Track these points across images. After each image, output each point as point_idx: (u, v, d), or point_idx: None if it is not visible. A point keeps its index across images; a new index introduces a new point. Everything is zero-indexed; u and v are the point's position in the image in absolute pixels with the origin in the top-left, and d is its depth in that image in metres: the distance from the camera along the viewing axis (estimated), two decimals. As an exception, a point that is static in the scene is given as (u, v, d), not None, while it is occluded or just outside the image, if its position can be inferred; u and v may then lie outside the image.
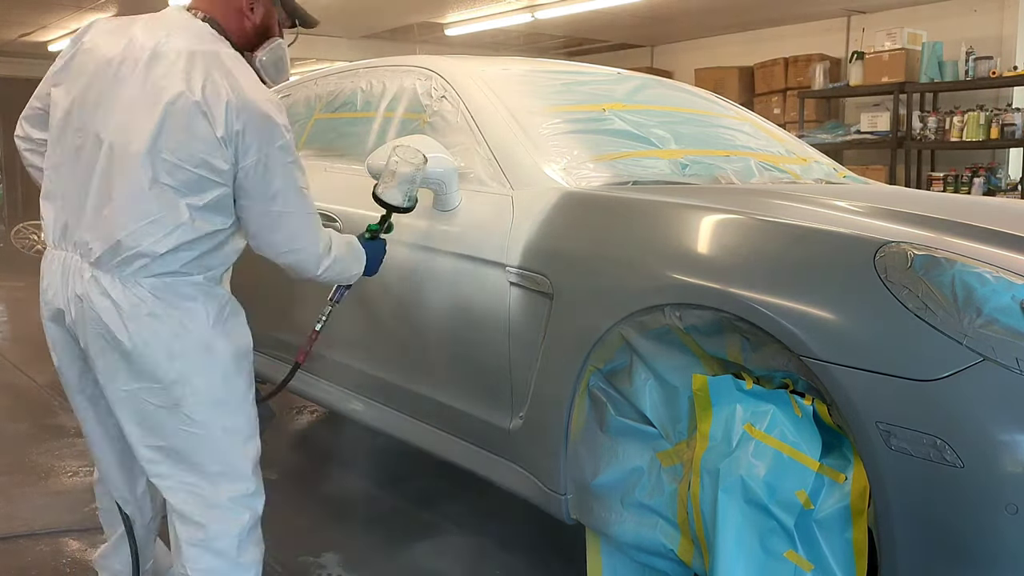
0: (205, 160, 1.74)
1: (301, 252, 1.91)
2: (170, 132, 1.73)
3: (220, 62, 1.77)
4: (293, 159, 1.84)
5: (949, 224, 1.84)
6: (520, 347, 2.21)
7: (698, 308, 1.81)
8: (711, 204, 2.03)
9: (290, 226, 1.86)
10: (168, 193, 1.75)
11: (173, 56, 1.77)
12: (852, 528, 1.65)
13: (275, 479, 3.22)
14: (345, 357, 2.86)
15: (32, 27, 9.94)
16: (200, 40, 1.81)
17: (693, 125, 2.94)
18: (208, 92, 1.73)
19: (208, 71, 1.75)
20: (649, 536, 1.96)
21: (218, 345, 1.85)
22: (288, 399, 4.10)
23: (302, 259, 1.93)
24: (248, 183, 1.79)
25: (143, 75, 1.76)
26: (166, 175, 1.74)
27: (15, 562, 2.56)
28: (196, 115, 1.72)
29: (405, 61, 3.08)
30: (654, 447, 1.98)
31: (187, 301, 1.81)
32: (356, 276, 2.16)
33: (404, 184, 2.24)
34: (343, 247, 2.06)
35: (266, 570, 2.51)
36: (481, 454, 2.38)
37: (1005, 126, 6.87)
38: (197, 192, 1.77)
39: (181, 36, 1.80)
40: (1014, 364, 1.45)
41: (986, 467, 1.43)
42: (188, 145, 1.73)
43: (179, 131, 1.72)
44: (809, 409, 1.70)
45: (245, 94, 1.75)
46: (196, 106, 1.72)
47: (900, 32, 7.48)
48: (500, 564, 2.56)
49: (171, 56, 1.77)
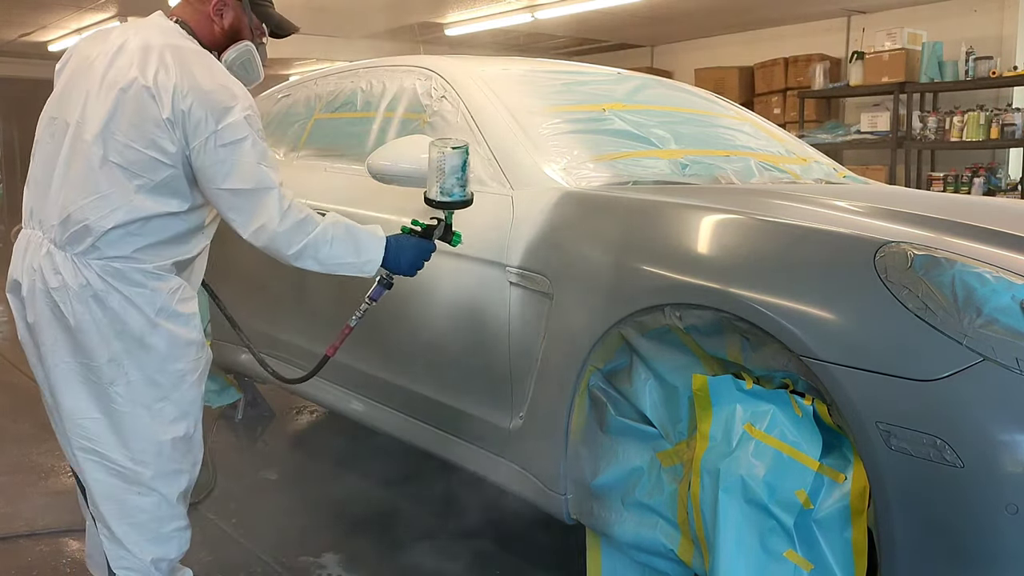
0: (154, 141, 1.84)
1: (264, 231, 1.91)
2: (122, 115, 1.84)
3: (178, 52, 1.88)
4: (245, 135, 1.86)
5: (949, 224, 1.84)
6: (520, 347, 2.21)
7: (698, 308, 1.81)
8: (711, 204, 2.03)
9: (247, 204, 1.89)
10: (117, 172, 1.84)
11: (135, 48, 1.89)
12: (852, 528, 1.65)
13: (275, 479, 3.23)
14: (345, 357, 2.86)
15: (32, 27, 9.93)
16: (165, 36, 1.92)
17: (693, 125, 2.94)
18: (159, 78, 1.84)
19: (163, 59, 1.86)
20: (649, 536, 1.96)
21: (157, 333, 1.91)
22: (288, 399, 4.10)
23: (270, 238, 1.92)
24: (200, 163, 1.86)
25: (107, 66, 1.89)
26: (116, 155, 1.84)
27: (15, 562, 2.56)
28: (146, 99, 1.83)
29: (405, 61, 3.08)
30: (654, 447, 1.98)
31: (133, 287, 1.88)
32: (367, 266, 2.06)
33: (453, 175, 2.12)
34: (339, 230, 2.01)
35: (266, 570, 2.52)
36: (481, 454, 2.38)
37: (1005, 126, 6.86)
38: (147, 172, 1.85)
39: (149, 33, 1.93)
40: (1014, 364, 1.45)
41: (986, 467, 1.43)
42: (139, 127, 1.83)
43: (131, 114, 1.84)
44: (809, 409, 1.70)
45: (195, 78, 1.84)
46: (146, 90, 1.83)
47: (900, 32, 7.48)
48: (500, 564, 2.56)
49: (134, 49, 1.89)
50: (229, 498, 3.04)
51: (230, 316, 2.54)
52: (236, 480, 3.19)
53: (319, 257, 1.99)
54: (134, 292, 1.88)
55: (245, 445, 3.65)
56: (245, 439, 3.71)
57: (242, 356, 3.42)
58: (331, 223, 2.01)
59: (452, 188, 2.14)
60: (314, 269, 2.01)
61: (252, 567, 2.53)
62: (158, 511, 1.97)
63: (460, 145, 2.13)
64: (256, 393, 3.97)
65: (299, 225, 1.94)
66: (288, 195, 1.94)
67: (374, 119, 3.01)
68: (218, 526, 2.81)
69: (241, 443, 3.66)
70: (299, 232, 1.94)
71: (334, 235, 2.00)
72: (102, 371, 1.89)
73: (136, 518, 1.96)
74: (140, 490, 1.95)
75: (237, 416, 3.88)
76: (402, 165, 2.40)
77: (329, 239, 1.99)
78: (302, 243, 1.95)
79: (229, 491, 3.10)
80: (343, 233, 2.02)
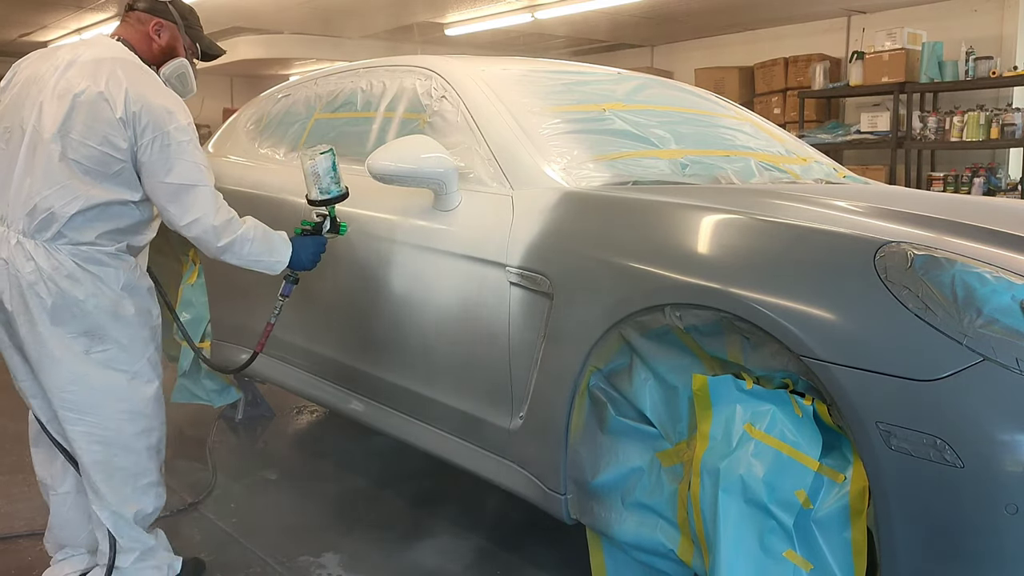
0: (107, 138, 2.09)
1: (199, 223, 2.17)
2: (77, 117, 2.09)
3: (126, 66, 2.16)
4: (188, 139, 2.15)
5: (949, 224, 1.84)
6: (520, 347, 2.21)
7: (698, 308, 1.81)
8: (711, 204, 2.03)
9: (186, 198, 2.15)
10: (74, 166, 2.10)
11: (85, 62, 2.16)
12: (851, 528, 1.65)
13: (275, 479, 3.22)
14: (345, 357, 2.87)
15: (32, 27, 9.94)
16: (112, 52, 2.20)
17: (693, 125, 2.94)
18: (111, 84, 2.10)
19: (113, 71, 2.13)
20: (649, 536, 1.96)
21: (125, 304, 2.19)
22: (288, 399, 4.10)
23: (203, 229, 2.19)
24: (146, 159, 2.12)
25: (58, 78, 2.15)
26: (72, 151, 2.09)
27: (15, 562, 2.56)
28: (100, 102, 2.09)
29: (405, 61, 3.08)
30: (654, 447, 1.98)
31: (101, 267, 2.15)
32: (276, 264, 2.37)
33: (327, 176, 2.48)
34: (257, 231, 2.31)
35: (266, 570, 2.52)
36: (481, 454, 2.38)
37: (1005, 126, 6.86)
38: (101, 166, 2.11)
39: (96, 49, 2.20)
40: (1014, 364, 1.45)
41: (986, 467, 1.43)
42: (92, 127, 2.09)
43: (85, 116, 2.09)
44: (809, 409, 1.70)
45: (143, 87, 2.14)
46: (100, 95, 2.09)
47: (900, 32, 7.48)
48: (500, 564, 2.56)
49: (83, 62, 2.16)
50: (229, 498, 3.04)
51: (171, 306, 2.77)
52: (236, 480, 3.19)
53: (241, 253, 2.27)
54: (101, 271, 2.15)
55: (245, 445, 3.65)
56: (245, 439, 3.71)
57: (242, 356, 3.43)
58: (252, 225, 2.30)
59: (329, 186, 2.49)
60: (232, 263, 2.30)
61: (252, 567, 2.53)
62: (135, 467, 2.24)
63: (326, 149, 2.48)
64: (256, 393, 3.97)
65: (229, 223, 2.22)
66: (219, 196, 2.22)
67: (374, 119, 3.01)
68: (218, 526, 2.81)
69: (241, 443, 3.66)
70: (228, 229, 2.22)
71: (254, 235, 2.29)
72: (80, 342, 2.13)
73: (116, 477, 2.21)
74: (118, 451, 2.20)
75: (237, 416, 3.88)
76: (402, 165, 2.40)
77: (251, 238, 2.28)
78: (230, 238, 2.23)
79: (229, 491, 3.10)
80: (261, 235, 2.32)
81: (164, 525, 2.80)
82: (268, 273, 2.40)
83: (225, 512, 2.91)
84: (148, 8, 2.30)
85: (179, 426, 3.83)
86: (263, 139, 3.60)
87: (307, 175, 2.49)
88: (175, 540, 2.61)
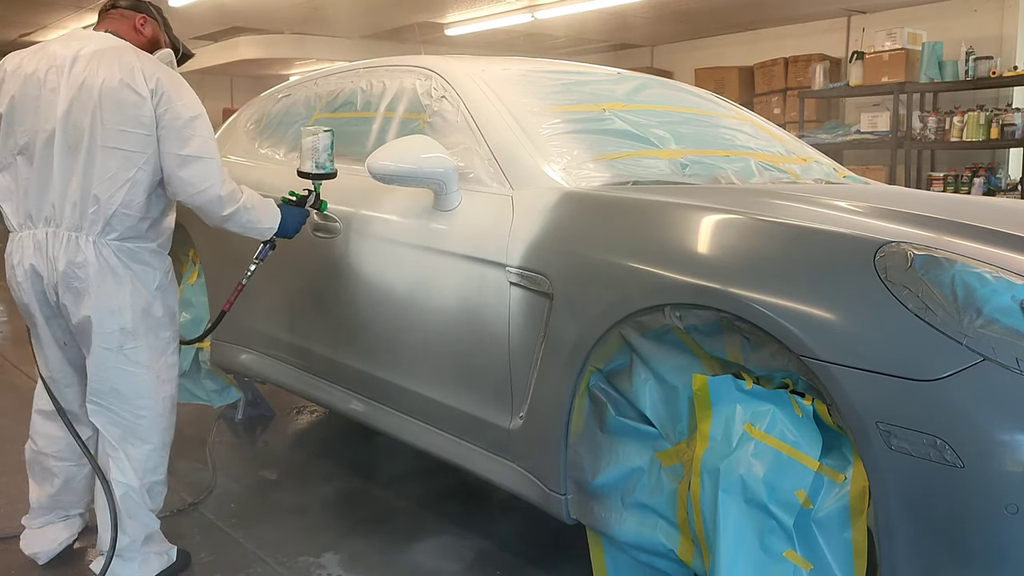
0: (137, 119, 2.23)
1: (208, 192, 2.30)
2: (107, 106, 2.22)
3: (130, 50, 2.31)
4: (198, 114, 2.30)
5: (949, 224, 1.84)
6: (520, 347, 2.21)
7: (698, 308, 1.81)
8: (711, 204, 2.03)
9: (198, 168, 2.28)
10: (115, 154, 2.23)
11: (91, 54, 2.27)
12: (851, 528, 1.65)
13: (275, 479, 3.22)
14: (345, 357, 2.86)
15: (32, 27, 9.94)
16: (110, 42, 2.33)
17: (693, 125, 2.94)
18: (126, 69, 2.24)
19: (122, 57, 2.27)
20: (649, 536, 1.96)
21: (156, 305, 2.35)
22: (288, 399, 4.10)
23: (210, 199, 2.31)
24: (165, 130, 2.25)
25: (70, 75, 2.25)
26: (110, 140, 2.22)
27: (15, 562, 2.56)
28: (122, 88, 2.23)
29: (405, 61, 3.08)
30: (654, 447, 1.98)
31: (140, 265, 2.31)
32: (268, 231, 2.52)
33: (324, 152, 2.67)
34: (255, 200, 2.45)
35: (266, 570, 2.52)
36: (481, 454, 2.38)
37: (1005, 126, 6.86)
38: (137, 147, 2.24)
39: (94, 43, 2.31)
40: (1014, 364, 1.45)
41: (986, 467, 1.43)
42: (123, 112, 2.22)
43: (113, 103, 2.22)
44: (809, 409, 1.70)
45: (153, 67, 2.29)
46: (121, 81, 2.23)
47: (900, 32, 7.48)
48: (500, 564, 2.57)
49: (90, 54, 2.27)
50: (229, 498, 3.04)
51: None
52: (236, 480, 3.20)
53: (242, 221, 2.41)
54: (140, 270, 2.31)
55: (245, 445, 3.65)
56: (245, 439, 3.71)
57: (242, 356, 3.43)
58: (250, 194, 2.44)
59: (325, 163, 2.67)
60: (232, 229, 2.43)
61: (252, 567, 2.53)
62: (148, 461, 2.37)
63: (328, 129, 2.68)
64: (256, 393, 3.98)
65: (232, 193, 2.36)
66: (224, 169, 2.35)
67: (374, 119, 3.01)
68: (218, 526, 2.81)
69: (241, 443, 3.66)
70: (232, 199, 2.36)
71: (253, 204, 2.44)
72: (116, 337, 2.27)
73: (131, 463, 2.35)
74: (135, 441, 2.35)
75: (237, 416, 3.88)
76: (402, 165, 2.40)
77: (250, 207, 2.42)
78: (234, 208, 2.37)
79: (229, 491, 3.10)
80: (258, 203, 2.47)
81: (164, 525, 2.80)
82: (259, 238, 2.57)
83: (225, 512, 2.91)
84: (131, 5, 2.47)
85: (179, 426, 3.78)
86: (263, 139, 3.60)
87: (306, 148, 2.65)
88: (175, 540, 2.61)
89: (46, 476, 2.53)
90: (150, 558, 2.41)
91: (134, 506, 2.35)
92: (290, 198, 2.70)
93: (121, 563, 2.36)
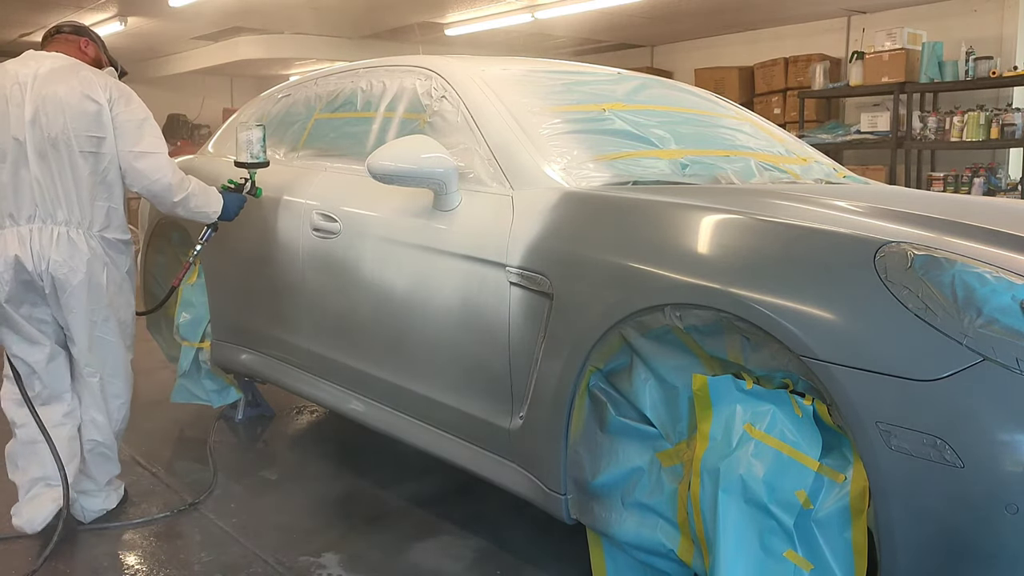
0: (98, 122, 2.60)
1: (160, 181, 2.69)
2: (71, 116, 2.57)
3: (82, 67, 2.68)
4: (148, 116, 2.70)
5: (949, 224, 1.84)
6: (520, 347, 2.21)
7: (698, 308, 1.81)
8: (711, 204, 2.03)
9: (151, 161, 2.67)
10: (89, 157, 2.60)
11: (49, 73, 2.61)
12: (852, 528, 1.65)
13: (275, 479, 3.22)
14: (345, 357, 2.87)
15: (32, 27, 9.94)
16: (64, 60, 2.68)
17: (693, 125, 2.94)
18: (84, 83, 2.61)
19: (77, 71, 2.65)
20: (649, 536, 1.96)
21: (126, 285, 2.79)
22: (288, 399, 4.10)
23: (163, 187, 2.71)
24: (120, 131, 2.64)
25: (32, 90, 2.58)
26: (82, 144, 2.58)
27: (15, 562, 2.57)
28: (84, 99, 2.59)
29: (405, 61, 3.08)
30: (654, 447, 1.98)
31: (118, 253, 2.73)
32: (214, 214, 2.91)
33: (258, 144, 3.05)
34: (201, 188, 2.85)
35: (266, 570, 2.52)
36: (481, 454, 2.38)
37: (1005, 126, 6.86)
38: (103, 148, 2.62)
39: (50, 62, 2.65)
40: (1014, 364, 1.45)
41: (986, 467, 1.43)
42: (85, 119, 2.58)
43: (77, 113, 2.58)
44: (809, 409, 1.70)
45: (105, 78, 2.68)
46: (81, 94, 2.59)
47: (900, 32, 7.48)
48: (500, 564, 2.56)
49: (48, 74, 2.61)
50: (229, 498, 3.04)
51: None
52: (236, 480, 3.19)
53: (190, 205, 2.81)
54: (115, 257, 2.72)
55: (245, 445, 3.64)
56: (245, 439, 3.71)
57: (242, 356, 3.43)
58: (196, 183, 2.83)
59: (258, 154, 3.06)
60: (182, 215, 2.85)
61: (252, 567, 2.53)
62: (119, 412, 2.83)
63: (260, 124, 3.09)
64: (256, 393, 3.97)
65: (182, 181, 2.76)
66: (173, 161, 2.74)
67: (374, 119, 3.01)
68: (218, 526, 2.81)
69: (241, 443, 3.66)
70: (181, 187, 2.75)
71: (199, 191, 2.83)
72: (102, 311, 2.68)
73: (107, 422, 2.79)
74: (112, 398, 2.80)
75: (237, 416, 3.88)
76: (402, 165, 2.40)
77: (197, 193, 2.82)
78: (183, 194, 2.76)
79: (229, 491, 3.10)
80: (203, 190, 2.86)
81: (164, 525, 2.80)
82: (204, 222, 2.98)
83: (225, 512, 2.91)
84: (73, 30, 2.82)
85: (179, 426, 3.83)
86: (263, 139, 3.59)
87: (241, 142, 3.04)
88: (175, 540, 2.61)
89: (32, 458, 2.73)
90: (111, 494, 2.87)
91: (103, 459, 2.80)
92: (229, 185, 3.05)
93: (88, 499, 2.80)
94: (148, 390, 4.33)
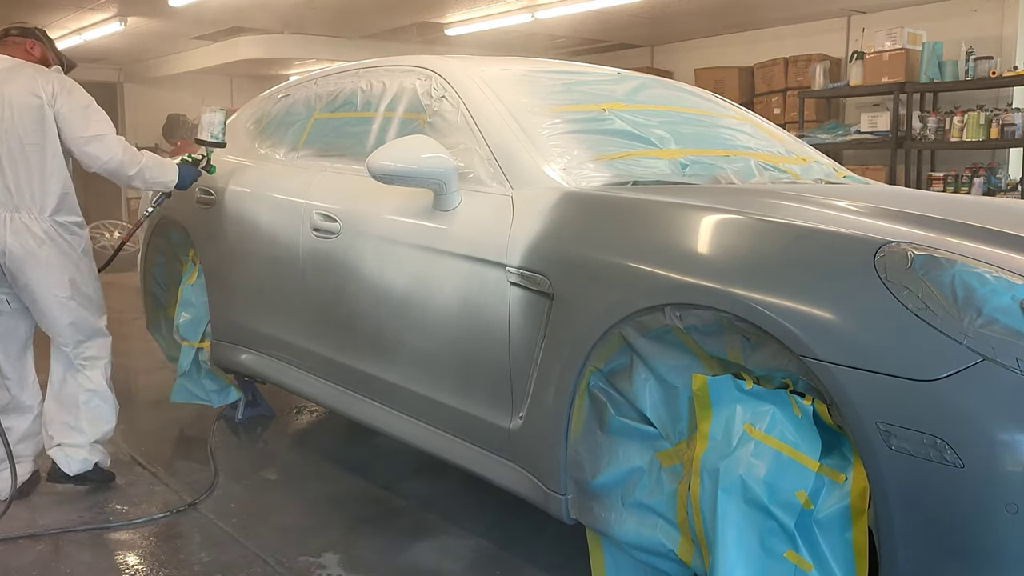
0: (44, 117, 2.83)
1: (113, 160, 2.93)
2: (19, 112, 2.81)
3: (27, 66, 2.91)
4: (90, 103, 2.92)
5: (949, 224, 1.84)
6: (520, 347, 2.21)
7: (698, 308, 1.81)
8: (711, 204, 2.03)
9: (102, 143, 2.91)
10: (36, 148, 2.84)
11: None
12: (852, 528, 1.65)
13: (275, 479, 3.22)
14: (345, 357, 2.86)
15: (32, 27, 9.93)
16: (10, 62, 2.91)
17: (693, 125, 2.94)
18: (28, 81, 2.84)
19: (22, 70, 2.88)
20: (649, 536, 1.96)
21: (83, 264, 3.00)
22: (288, 399, 4.10)
23: (117, 165, 2.95)
24: (68, 120, 2.86)
25: None
26: (30, 137, 2.83)
27: (15, 562, 2.56)
28: (28, 96, 2.83)
29: (405, 61, 3.08)
30: (654, 447, 1.98)
31: (73, 236, 2.95)
32: (171, 183, 3.17)
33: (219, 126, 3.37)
34: (155, 160, 3.10)
35: (266, 570, 2.52)
36: (481, 454, 2.38)
37: (1005, 126, 6.85)
38: (50, 140, 2.85)
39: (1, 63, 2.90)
40: (1014, 364, 1.45)
41: (986, 467, 1.43)
42: (31, 114, 2.83)
43: (24, 110, 2.82)
44: (809, 409, 1.70)
45: (49, 74, 2.91)
46: (26, 91, 2.82)
47: (900, 32, 7.47)
48: (500, 564, 2.56)
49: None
50: (229, 498, 3.04)
51: None
52: (236, 480, 3.19)
53: (146, 177, 3.06)
54: (71, 239, 2.94)
55: (245, 445, 3.64)
56: (245, 439, 3.71)
57: (242, 356, 3.43)
58: (149, 156, 3.08)
59: (218, 135, 3.38)
60: (139, 186, 3.12)
61: (252, 567, 2.53)
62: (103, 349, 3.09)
63: (222, 109, 3.43)
64: (256, 393, 3.97)
65: (134, 156, 3.00)
66: (123, 138, 2.97)
67: (374, 119, 3.01)
68: (218, 526, 2.81)
69: (241, 443, 3.66)
70: (134, 161, 2.99)
71: (153, 163, 3.08)
72: (65, 288, 2.92)
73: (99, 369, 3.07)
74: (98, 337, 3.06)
75: (237, 416, 3.88)
76: (402, 165, 2.40)
77: (151, 166, 3.06)
78: (138, 167, 3.01)
79: (229, 491, 3.10)
80: (157, 162, 3.12)
81: (164, 525, 2.80)
82: (163, 190, 3.27)
83: (225, 512, 2.91)
84: (20, 32, 3.03)
85: (179, 426, 3.83)
86: (263, 139, 3.60)
87: (204, 122, 3.37)
88: (175, 540, 2.61)
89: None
90: (95, 449, 3.04)
91: (97, 410, 3.04)
92: (187, 160, 3.37)
93: (75, 450, 3.00)
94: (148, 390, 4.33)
